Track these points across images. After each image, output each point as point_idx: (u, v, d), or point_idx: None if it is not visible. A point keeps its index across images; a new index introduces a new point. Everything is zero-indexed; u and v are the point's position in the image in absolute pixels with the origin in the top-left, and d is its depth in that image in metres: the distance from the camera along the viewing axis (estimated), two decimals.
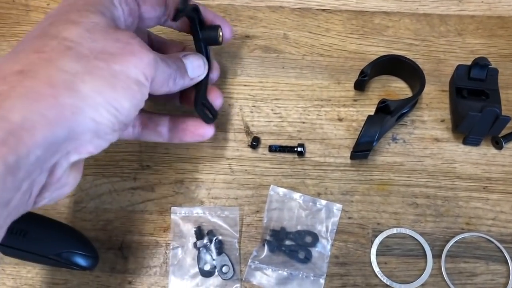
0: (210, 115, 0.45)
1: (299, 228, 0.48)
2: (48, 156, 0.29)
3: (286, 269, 0.47)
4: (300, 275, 0.46)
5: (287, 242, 0.48)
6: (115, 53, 0.32)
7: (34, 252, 0.42)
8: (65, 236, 0.44)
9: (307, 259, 0.47)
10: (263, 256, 0.47)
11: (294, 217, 0.48)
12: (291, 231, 0.48)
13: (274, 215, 0.49)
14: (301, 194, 0.49)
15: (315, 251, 0.47)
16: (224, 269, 0.46)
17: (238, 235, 0.48)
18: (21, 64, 0.29)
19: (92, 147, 0.32)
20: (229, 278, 0.46)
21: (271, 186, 0.49)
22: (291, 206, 0.49)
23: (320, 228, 0.48)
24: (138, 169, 0.51)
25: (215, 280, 0.46)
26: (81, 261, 0.43)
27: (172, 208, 0.49)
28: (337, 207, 0.48)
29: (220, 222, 0.48)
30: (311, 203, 0.49)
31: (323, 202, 0.49)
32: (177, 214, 0.49)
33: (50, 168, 0.30)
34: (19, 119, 0.27)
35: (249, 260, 0.47)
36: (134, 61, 0.33)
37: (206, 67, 0.42)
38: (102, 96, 0.31)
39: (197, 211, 0.49)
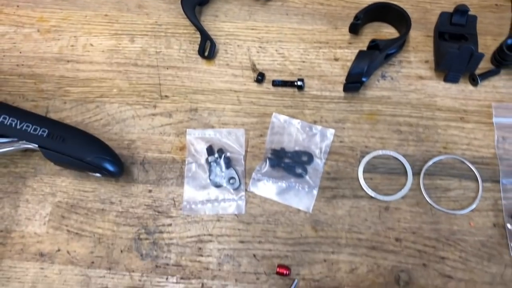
0: None
1: (296, 148, 0.55)
2: None
3: (284, 182, 0.54)
4: (297, 187, 0.54)
5: (286, 160, 0.55)
6: None
7: (71, 155, 0.49)
8: (97, 145, 0.51)
9: (303, 174, 0.54)
10: (265, 170, 0.54)
11: (293, 140, 0.56)
12: (289, 151, 0.55)
13: (276, 138, 0.56)
14: (299, 120, 0.56)
15: (310, 168, 0.54)
16: (232, 180, 0.54)
17: (244, 153, 0.55)
18: None
19: None
20: (236, 188, 0.54)
21: (274, 113, 0.57)
22: (291, 131, 0.56)
23: (315, 149, 0.55)
24: (158, 99, 0.58)
25: (224, 189, 0.54)
26: (109, 166, 0.51)
27: (187, 130, 0.56)
28: (330, 131, 0.56)
29: (229, 142, 0.55)
30: (307, 128, 0.56)
31: (319, 127, 0.56)
32: (192, 135, 0.56)
33: None
34: None
35: (253, 173, 0.54)
36: None
37: None
38: None
39: (209, 133, 0.56)
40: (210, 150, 0.55)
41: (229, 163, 0.54)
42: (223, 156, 0.54)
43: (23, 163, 0.56)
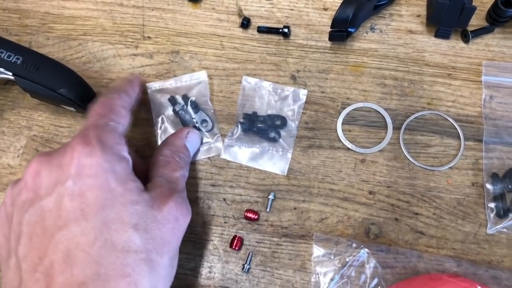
0: None
1: (269, 112, 0.53)
2: None
3: (257, 146, 0.52)
4: (270, 151, 0.52)
5: (259, 124, 0.53)
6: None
7: (44, 85, 0.49)
8: (71, 77, 0.50)
9: (277, 137, 0.52)
10: (237, 135, 0.53)
11: (265, 103, 0.54)
12: (262, 114, 0.53)
13: (247, 101, 0.54)
14: (270, 82, 0.54)
15: (283, 131, 0.52)
16: (204, 123, 0.53)
17: (209, 94, 0.54)
18: None
19: None
20: (210, 130, 0.53)
21: (243, 76, 0.54)
22: (262, 93, 0.54)
23: (288, 111, 0.53)
24: (140, 39, 0.57)
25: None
26: (82, 98, 0.50)
27: (146, 84, 0.55)
28: (303, 92, 0.54)
29: (192, 86, 0.54)
30: (279, 90, 0.54)
31: (291, 88, 0.54)
32: (152, 88, 0.55)
33: None
34: None
35: (225, 139, 0.53)
36: None
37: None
38: None
39: (170, 82, 0.55)
40: (173, 100, 0.54)
41: (197, 107, 0.53)
42: (188, 101, 0.53)
43: (1, 95, 0.56)
